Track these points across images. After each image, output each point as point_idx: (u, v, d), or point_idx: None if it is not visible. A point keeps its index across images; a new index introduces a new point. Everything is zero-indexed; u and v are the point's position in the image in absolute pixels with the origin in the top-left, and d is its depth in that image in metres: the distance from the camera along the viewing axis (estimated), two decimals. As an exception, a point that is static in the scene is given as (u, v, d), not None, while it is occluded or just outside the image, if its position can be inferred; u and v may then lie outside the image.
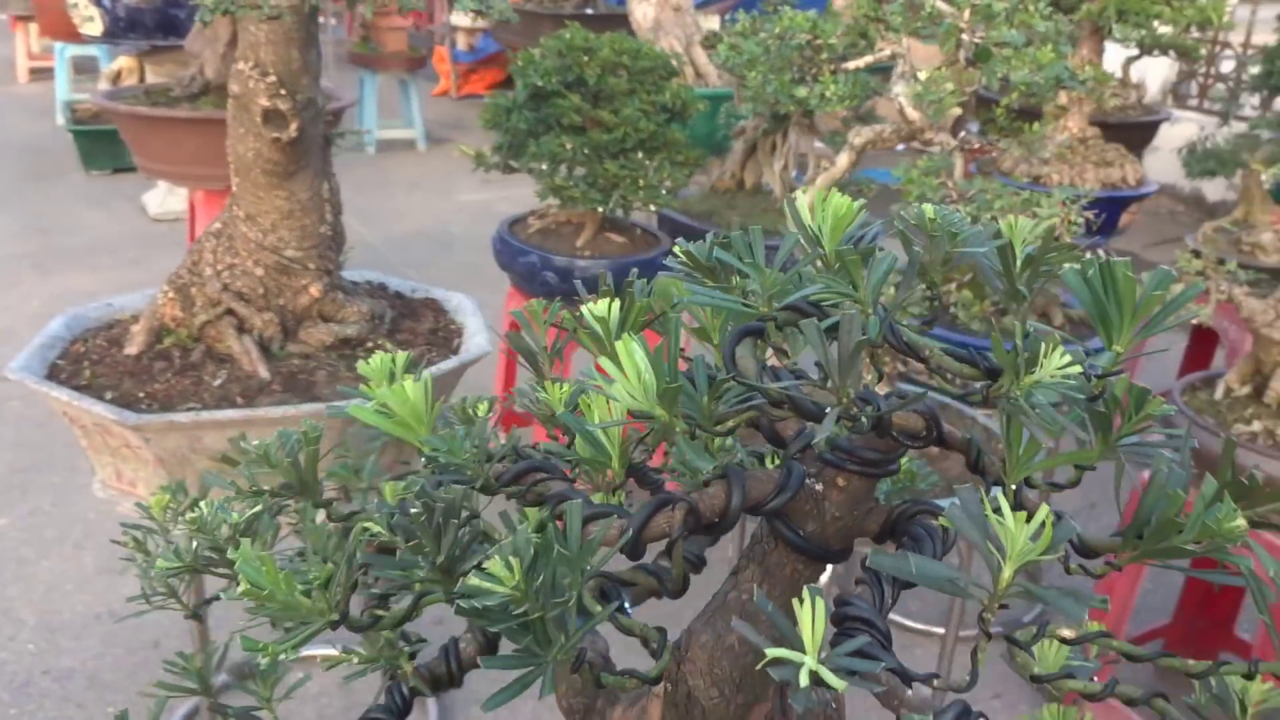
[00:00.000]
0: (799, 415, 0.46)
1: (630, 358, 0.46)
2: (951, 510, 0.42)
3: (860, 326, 0.42)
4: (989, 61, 1.67)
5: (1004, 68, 1.66)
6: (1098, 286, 0.48)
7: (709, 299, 0.49)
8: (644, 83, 2.85)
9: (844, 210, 0.53)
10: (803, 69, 2.00)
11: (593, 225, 3.03)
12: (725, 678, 0.52)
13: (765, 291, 0.47)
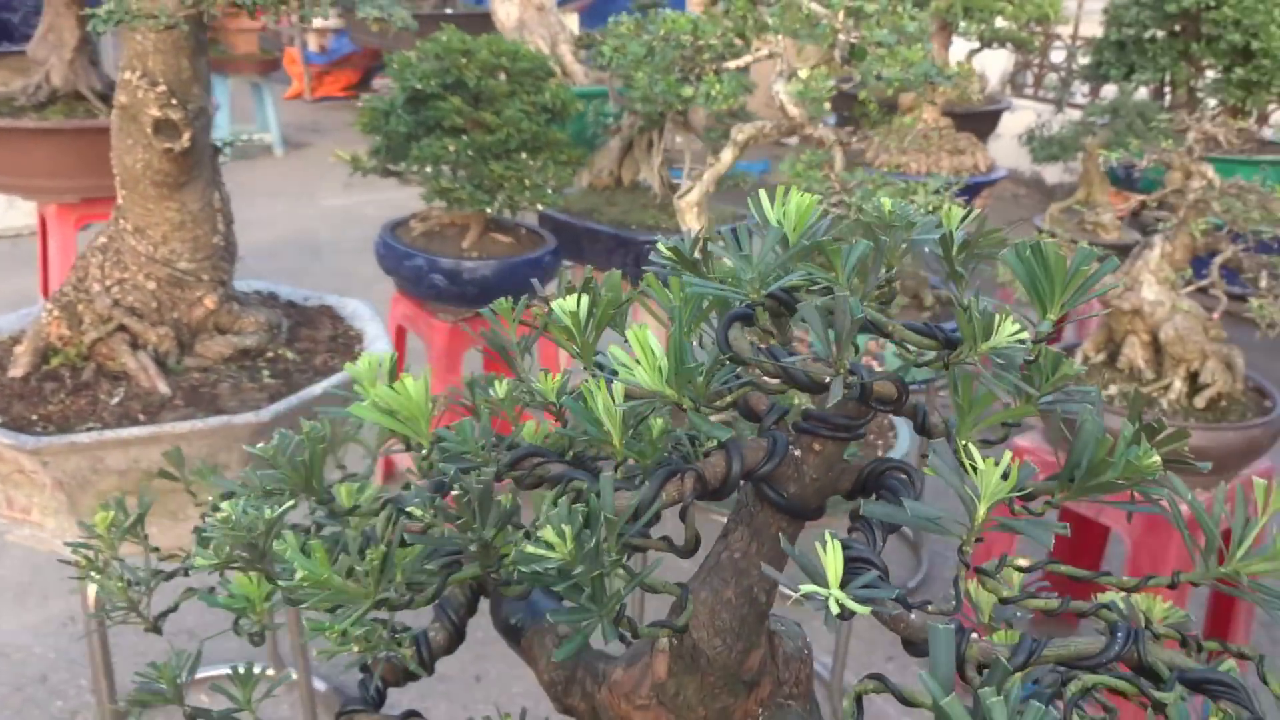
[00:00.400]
0: (796, 387, 0.52)
1: (646, 344, 0.52)
2: (933, 459, 0.49)
3: (855, 307, 0.49)
4: (864, 60, 1.78)
5: (879, 66, 1.78)
6: (1032, 264, 0.56)
7: (707, 288, 0.54)
8: (524, 84, 2.89)
9: (805, 206, 0.60)
10: (685, 69, 2.08)
11: (478, 226, 3.05)
12: (726, 628, 0.58)
13: (755, 280, 0.53)
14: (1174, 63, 4.68)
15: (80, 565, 0.96)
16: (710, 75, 1.98)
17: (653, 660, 0.61)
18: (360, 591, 0.51)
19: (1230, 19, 4.41)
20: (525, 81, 2.90)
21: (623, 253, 3.35)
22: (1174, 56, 4.68)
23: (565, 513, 0.47)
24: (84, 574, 0.95)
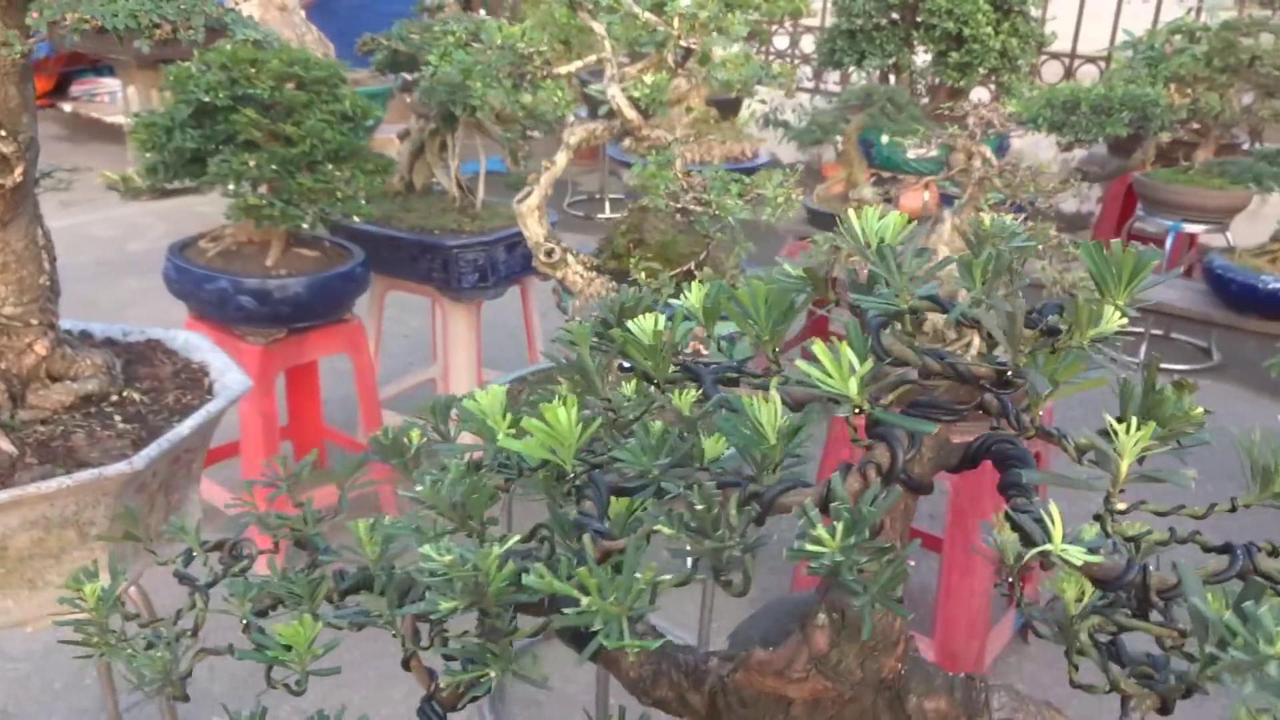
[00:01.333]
0: (959, 380, 0.61)
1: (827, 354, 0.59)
2: (1079, 433, 0.60)
3: (1016, 308, 0.58)
4: (707, 64, 1.89)
5: (719, 70, 1.90)
6: (1098, 259, 0.67)
7: (870, 302, 0.62)
8: (320, 93, 2.80)
9: (899, 222, 0.69)
10: (514, 76, 2.11)
11: (280, 243, 2.93)
12: (878, 597, 0.67)
13: (901, 291, 0.62)
14: (898, 49, 5.16)
15: (93, 644, 0.90)
16: (549, 82, 2.02)
17: (810, 636, 0.68)
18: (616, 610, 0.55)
19: (944, 8, 4.92)
20: (320, 90, 2.81)
21: (428, 259, 3.32)
22: (898, 43, 5.17)
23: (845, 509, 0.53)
24: (101, 649, 0.90)
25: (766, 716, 0.74)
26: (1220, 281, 3.29)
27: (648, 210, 2.79)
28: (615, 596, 0.54)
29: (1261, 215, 5.29)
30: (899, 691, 0.70)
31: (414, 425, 1.07)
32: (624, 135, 2.20)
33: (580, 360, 0.78)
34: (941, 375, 0.62)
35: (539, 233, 2.25)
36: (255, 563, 1.04)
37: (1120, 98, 3.11)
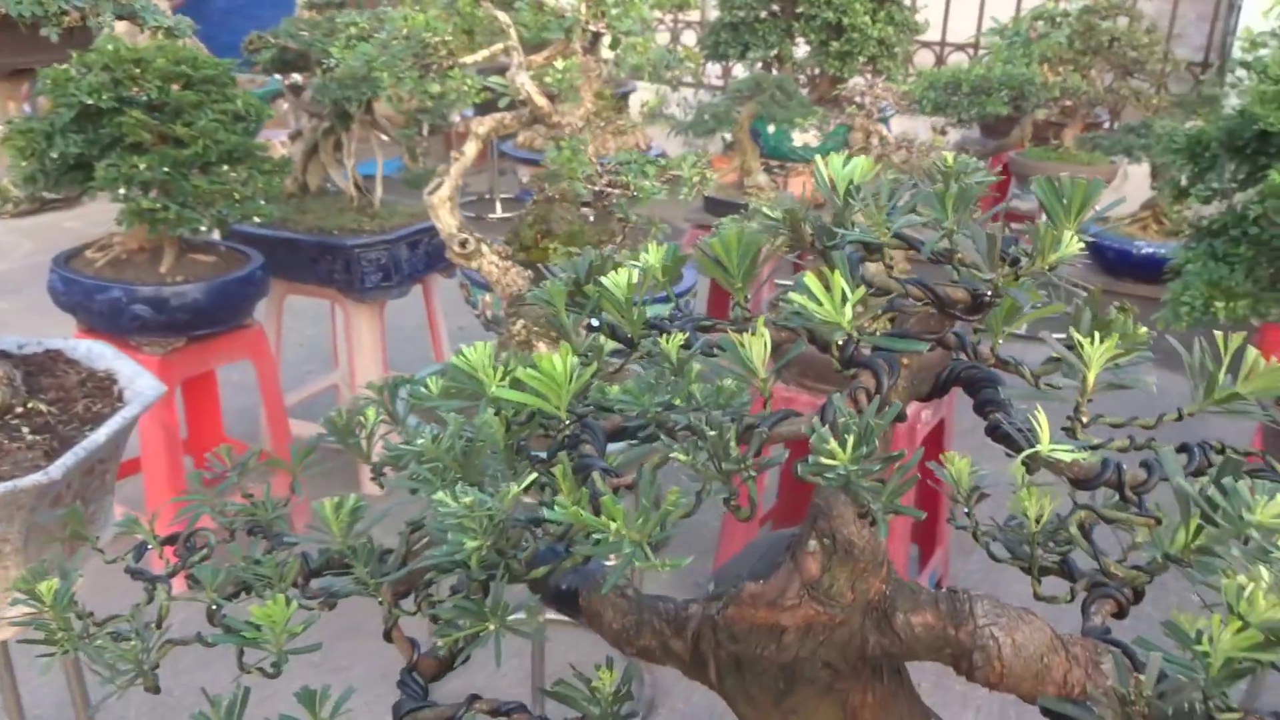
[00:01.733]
0: (938, 305, 0.65)
1: (819, 287, 0.62)
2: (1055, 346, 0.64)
3: (992, 237, 0.62)
4: (618, 49, 1.91)
5: (630, 55, 1.92)
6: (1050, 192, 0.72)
7: (856, 235, 0.65)
8: (209, 93, 2.72)
9: (865, 165, 0.73)
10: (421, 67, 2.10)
11: (173, 249, 2.84)
12: (863, 519, 0.70)
13: (878, 225, 0.65)
14: (780, 40, 5.28)
15: (58, 640, 0.87)
16: (457, 71, 2.02)
17: (802, 564, 0.71)
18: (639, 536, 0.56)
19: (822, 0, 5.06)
20: (210, 90, 2.73)
21: (329, 260, 3.26)
22: (780, 34, 5.29)
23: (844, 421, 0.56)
24: (66, 646, 0.87)
25: (759, 648, 0.76)
26: (1097, 249, 3.48)
27: (555, 201, 2.80)
28: (640, 523, 0.55)
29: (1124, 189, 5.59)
30: (886, 611, 0.73)
31: (368, 405, 1.06)
32: (533, 123, 2.21)
33: (558, 317, 0.79)
34: (923, 300, 0.66)
35: (451, 224, 2.24)
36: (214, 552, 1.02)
37: (999, 78, 3.26)
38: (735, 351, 0.66)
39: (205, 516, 1.05)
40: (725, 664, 0.82)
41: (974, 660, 0.70)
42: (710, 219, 4.19)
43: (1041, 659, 0.70)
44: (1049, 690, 0.70)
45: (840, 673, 0.77)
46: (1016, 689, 0.71)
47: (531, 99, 2.11)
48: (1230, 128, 2.04)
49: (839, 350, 0.66)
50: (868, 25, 5.08)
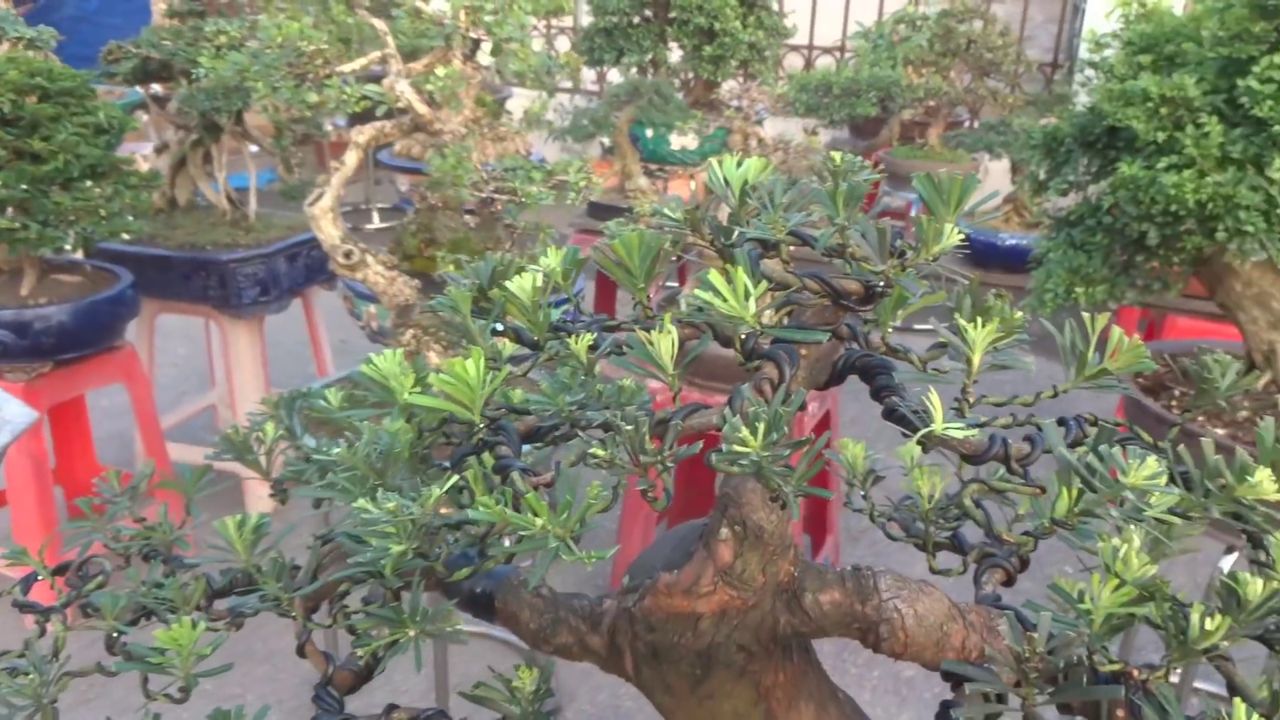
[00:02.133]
0: (833, 296, 0.68)
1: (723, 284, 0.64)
2: (942, 332, 0.68)
3: (882, 230, 0.65)
4: (500, 55, 1.92)
5: (512, 61, 1.93)
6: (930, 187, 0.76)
7: (754, 233, 0.68)
8: (68, 105, 2.61)
9: (759, 166, 0.76)
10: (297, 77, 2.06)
11: (33, 269, 2.72)
12: (772, 505, 0.73)
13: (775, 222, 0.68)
14: (654, 45, 5.35)
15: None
16: (334, 80, 1.99)
17: (715, 551, 0.73)
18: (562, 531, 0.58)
19: (694, 4, 5.13)
20: (69, 102, 2.62)
21: (202, 276, 3.16)
22: (653, 39, 5.35)
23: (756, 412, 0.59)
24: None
25: (675, 636, 0.78)
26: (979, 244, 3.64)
27: (438, 209, 2.78)
28: (562, 518, 0.57)
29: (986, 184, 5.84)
30: (795, 591, 0.76)
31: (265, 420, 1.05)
32: (414, 131, 2.19)
33: (464, 323, 0.80)
34: (819, 293, 0.69)
35: (334, 235, 2.21)
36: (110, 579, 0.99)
37: (866, 80, 3.37)
38: (643, 349, 0.68)
39: (96, 544, 1.02)
40: (642, 654, 0.83)
41: (880, 632, 0.74)
42: (594, 224, 4.22)
43: (941, 627, 0.74)
44: (949, 655, 0.75)
45: (754, 655, 0.80)
46: (919, 657, 0.75)
47: (413, 106, 2.09)
48: (1082, 124, 2.17)
49: (742, 343, 0.68)
50: (739, 30, 5.18)
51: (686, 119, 3.83)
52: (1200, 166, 1.85)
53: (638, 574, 0.83)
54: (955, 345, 0.68)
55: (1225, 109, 1.90)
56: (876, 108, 3.48)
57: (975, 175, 0.85)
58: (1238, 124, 1.88)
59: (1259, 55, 1.88)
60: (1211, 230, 1.84)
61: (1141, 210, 1.93)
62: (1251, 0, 1.90)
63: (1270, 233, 1.80)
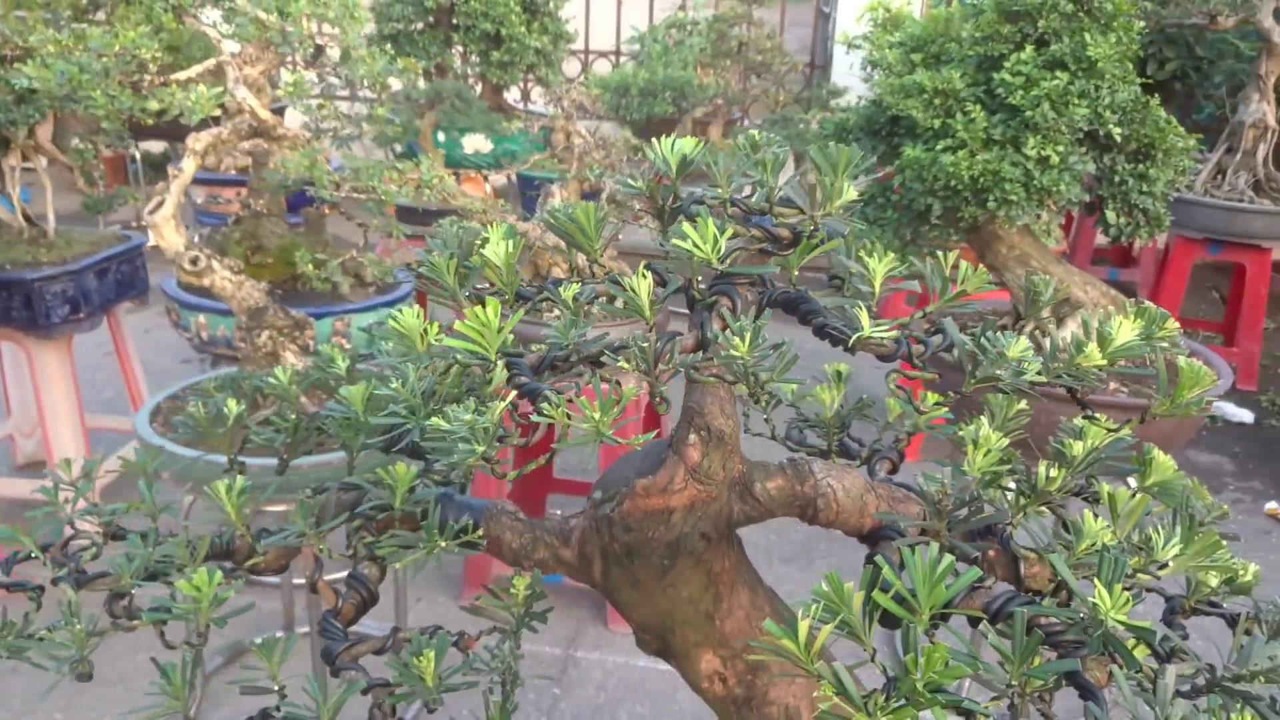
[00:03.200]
0: (771, 239, 0.87)
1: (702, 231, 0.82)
2: (849, 263, 0.89)
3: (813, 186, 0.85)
4: (349, 61, 2.00)
5: (361, 66, 2.01)
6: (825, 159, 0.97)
7: (707, 195, 0.86)
8: None
9: (693, 144, 0.94)
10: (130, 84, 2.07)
11: None
12: (729, 411, 0.91)
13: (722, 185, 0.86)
14: (441, 50, 5.43)
15: None
16: (175, 88, 2.01)
17: (684, 454, 0.91)
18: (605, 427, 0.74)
19: (479, 10, 5.26)
20: None
21: (4, 297, 3.02)
22: (440, 45, 5.43)
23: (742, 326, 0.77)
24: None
25: (650, 531, 0.95)
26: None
27: (262, 216, 2.81)
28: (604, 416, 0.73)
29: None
30: (746, 483, 0.95)
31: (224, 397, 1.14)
32: (256, 135, 2.24)
33: (450, 289, 0.93)
34: (760, 238, 0.88)
35: (179, 242, 2.21)
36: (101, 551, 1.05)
37: (662, 81, 3.62)
38: (627, 293, 0.85)
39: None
40: (615, 556, 1.00)
41: (817, 505, 0.94)
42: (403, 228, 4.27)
43: (861, 498, 0.95)
44: (868, 522, 0.96)
45: (711, 541, 0.98)
46: (846, 524, 0.95)
47: (255, 112, 2.14)
48: (868, 115, 2.49)
49: (709, 280, 0.86)
50: (525, 35, 5.36)
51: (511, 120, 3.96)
52: (970, 148, 2.19)
53: (608, 489, 0.99)
54: (863, 272, 0.89)
55: (985, 98, 2.26)
56: (672, 107, 3.74)
57: (856, 149, 1.05)
58: (996, 111, 2.24)
59: (1009, 53, 2.24)
60: (983, 201, 2.18)
61: (925, 186, 2.25)
62: (999, 6, 2.27)
63: (1029, 201, 2.16)
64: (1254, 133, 4.60)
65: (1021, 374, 0.80)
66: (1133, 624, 0.73)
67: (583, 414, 0.72)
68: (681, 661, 1.10)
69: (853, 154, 0.95)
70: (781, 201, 0.90)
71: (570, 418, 0.74)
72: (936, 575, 0.72)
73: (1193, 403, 0.83)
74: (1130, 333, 0.84)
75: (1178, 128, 2.29)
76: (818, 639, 0.73)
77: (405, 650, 0.93)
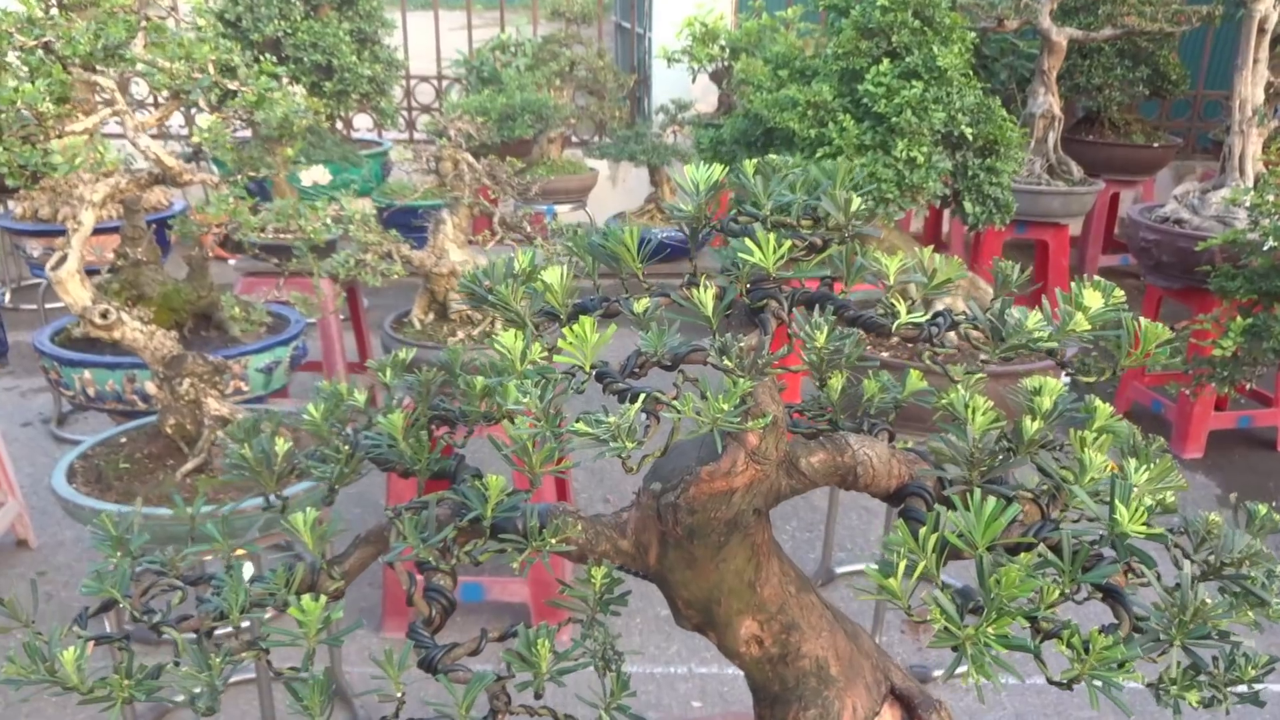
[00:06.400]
0: (809, 248, 1.01)
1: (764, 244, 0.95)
2: (868, 263, 1.04)
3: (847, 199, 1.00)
4: (264, 105, 2.01)
5: (275, 109, 2.02)
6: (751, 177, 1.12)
7: (749, 212, 0.99)
8: None
9: (717, 172, 1.08)
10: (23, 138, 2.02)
11: None
12: (778, 399, 1.04)
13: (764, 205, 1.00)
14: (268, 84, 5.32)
15: (121, 686, 0.92)
16: (74, 139, 1.98)
17: (744, 440, 1.04)
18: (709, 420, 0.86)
19: (308, 42, 5.19)
20: None
21: None
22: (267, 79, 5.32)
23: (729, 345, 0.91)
24: (129, 690, 0.92)
25: (713, 511, 1.08)
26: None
27: (142, 264, 2.76)
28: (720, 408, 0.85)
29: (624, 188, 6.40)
30: (793, 460, 1.09)
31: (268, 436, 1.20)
32: (156, 183, 2.21)
33: (517, 310, 1.03)
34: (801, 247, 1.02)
35: (85, 297, 2.16)
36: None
37: (520, 104, 3.73)
38: (691, 304, 0.97)
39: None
40: (675, 539, 1.12)
41: (857, 473, 1.09)
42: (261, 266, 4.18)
43: (889, 463, 1.10)
44: (894, 484, 1.11)
45: (760, 514, 1.12)
46: (879, 486, 1.11)
47: (160, 159, 2.12)
48: (743, 129, 2.68)
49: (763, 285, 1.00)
50: (357, 64, 5.33)
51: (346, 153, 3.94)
52: (846, 154, 2.41)
53: (664, 479, 1.11)
54: (878, 271, 1.05)
55: (853, 108, 2.49)
56: (532, 129, 3.85)
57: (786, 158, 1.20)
58: (864, 119, 2.47)
59: (868, 66, 2.48)
60: (863, 200, 2.41)
61: (808, 191, 2.46)
62: (856, 24, 2.50)
63: (902, 198, 2.40)
64: (1044, 122, 5.12)
65: (1036, 342, 0.97)
66: (1150, 531, 0.91)
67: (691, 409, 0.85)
68: (723, 631, 1.23)
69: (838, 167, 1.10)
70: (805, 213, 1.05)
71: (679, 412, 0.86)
72: (987, 515, 0.88)
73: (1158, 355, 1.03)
74: (1099, 302, 1.04)
75: (1014, 124, 2.59)
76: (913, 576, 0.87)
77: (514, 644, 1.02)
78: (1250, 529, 1.09)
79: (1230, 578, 0.93)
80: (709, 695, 2.78)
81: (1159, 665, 0.95)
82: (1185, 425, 4.25)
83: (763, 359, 0.91)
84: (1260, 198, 3.40)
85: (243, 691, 2.76)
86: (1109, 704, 2.43)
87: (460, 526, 1.03)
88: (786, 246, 0.97)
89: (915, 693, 1.28)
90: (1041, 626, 0.88)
